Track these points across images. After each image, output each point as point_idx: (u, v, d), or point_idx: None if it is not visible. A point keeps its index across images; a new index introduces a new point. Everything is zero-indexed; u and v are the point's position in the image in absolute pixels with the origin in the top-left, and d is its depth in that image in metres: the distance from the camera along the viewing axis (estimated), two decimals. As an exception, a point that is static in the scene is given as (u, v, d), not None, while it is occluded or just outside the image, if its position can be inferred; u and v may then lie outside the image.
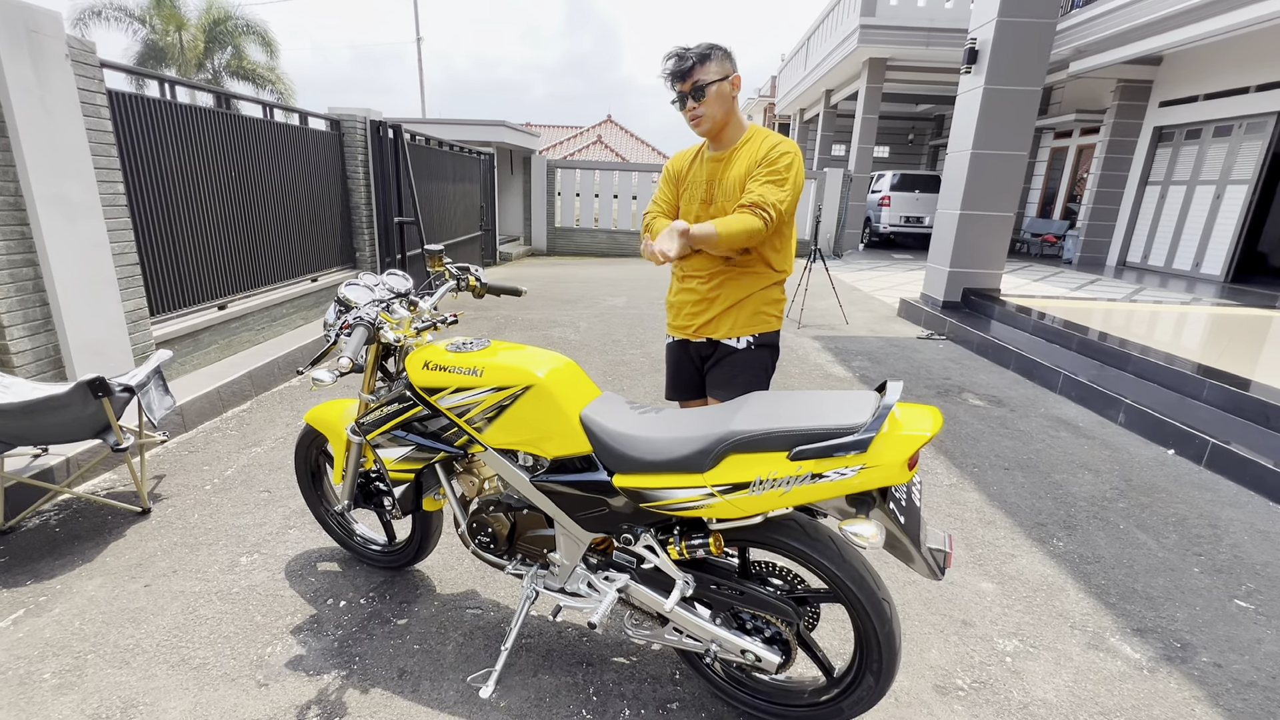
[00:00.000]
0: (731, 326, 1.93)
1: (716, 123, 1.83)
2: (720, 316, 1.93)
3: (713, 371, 2.01)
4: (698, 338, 2.00)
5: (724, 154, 1.88)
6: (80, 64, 3.14)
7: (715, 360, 1.99)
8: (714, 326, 1.95)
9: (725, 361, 1.97)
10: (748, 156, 1.83)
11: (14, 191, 2.86)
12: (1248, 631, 2.05)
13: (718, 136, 1.88)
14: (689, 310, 1.99)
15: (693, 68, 1.76)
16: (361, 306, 1.66)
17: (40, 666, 1.74)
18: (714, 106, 1.80)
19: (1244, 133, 8.84)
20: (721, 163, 1.88)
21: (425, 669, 1.78)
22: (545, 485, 1.55)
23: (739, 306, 1.92)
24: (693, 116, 1.83)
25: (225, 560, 2.25)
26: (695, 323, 1.98)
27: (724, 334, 1.95)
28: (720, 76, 1.78)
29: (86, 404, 2.22)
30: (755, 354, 1.96)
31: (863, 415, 1.24)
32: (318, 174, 5.56)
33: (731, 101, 1.83)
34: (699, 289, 1.95)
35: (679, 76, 1.78)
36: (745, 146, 1.86)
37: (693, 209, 1.94)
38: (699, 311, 1.96)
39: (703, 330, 1.97)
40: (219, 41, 17.75)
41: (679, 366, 2.12)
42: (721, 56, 1.78)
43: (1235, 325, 5.85)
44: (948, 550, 1.34)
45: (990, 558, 2.43)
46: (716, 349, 1.98)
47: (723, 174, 1.87)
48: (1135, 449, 3.54)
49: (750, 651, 1.48)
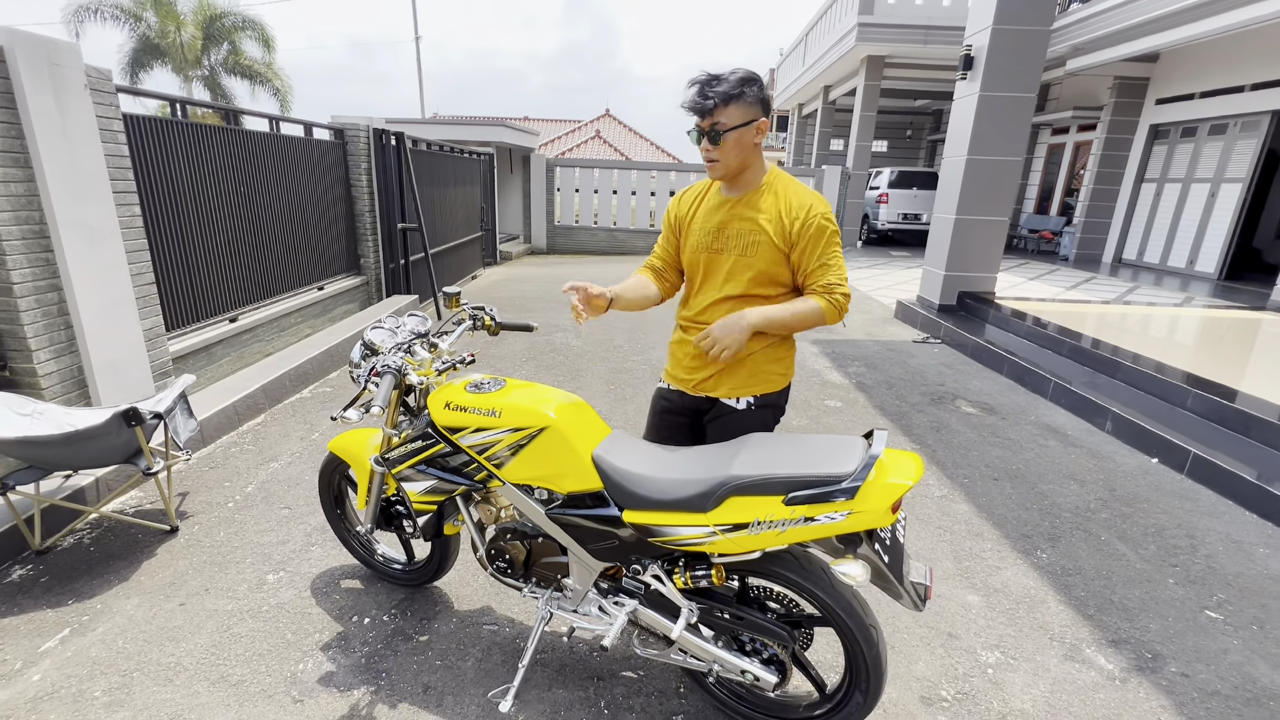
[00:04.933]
0: (731, 386, 1.80)
1: (731, 169, 1.68)
2: (720, 375, 1.80)
3: (712, 427, 1.89)
4: (697, 393, 1.87)
5: (738, 198, 1.73)
6: (98, 92, 3.23)
7: (714, 417, 1.87)
8: (714, 384, 1.82)
9: (723, 421, 1.84)
10: (771, 209, 1.68)
11: (39, 220, 2.96)
12: (1215, 642, 2.19)
13: (733, 181, 1.73)
14: (688, 364, 1.86)
15: (713, 108, 1.58)
16: (387, 352, 1.78)
17: (91, 685, 1.87)
18: (730, 154, 1.63)
19: (1239, 131, 8.92)
20: (735, 208, 1.73)
21: (448, 684, 1.92)
22: (559, 518, 1.68)
23: (739, 365, 1.77)
24: (708, 159, 1.67)
25: (253, 578, 2.38)
26: (695, 378, 1.85)
27: (724, 393, 1.81)
28: (744, 121, 1.59)
29: (120, 433, 2.34)
30: (755, 414, 1.82)
31: (851, 464, 1.36)
32: (322, 184, 5.65)
33: (752, 149, 1.66)
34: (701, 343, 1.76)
35: (699, 113, 1.61)
36: (766, 195, 1.70)
37: (700, 257, 1.78)
38: (697, 367, 1.83)
39: (702, 387, 1.84)
40: (215, 38, 17.72)
41: (667, 415, 1.96)
42: (751, 99, 1.59)
43: (1224, 330, 5.97)
44: (928, 583, 1.47)
45: (977, 570, 2.57)
46: (716, 405, 1.86)
47: (737, 222, 1.72)
48: (1121, 458, 3.67)
49: (749, 672, 1.61)
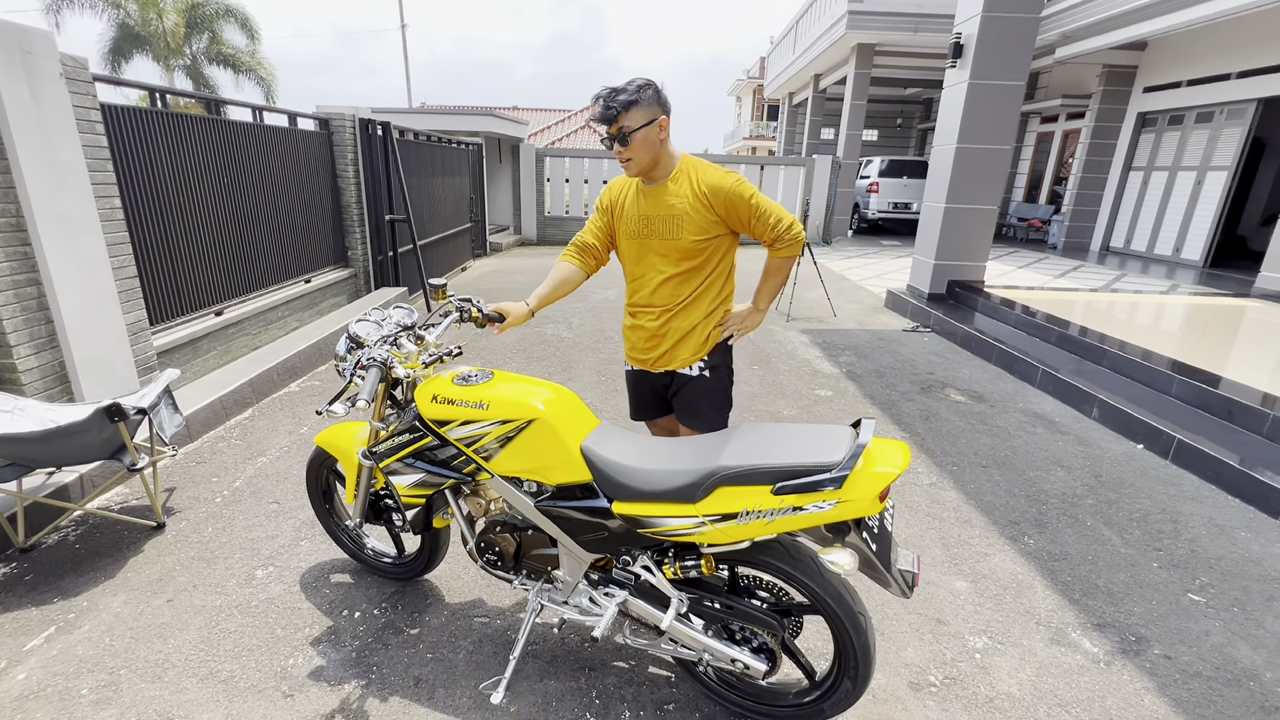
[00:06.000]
0: (684, 358, 2.04)
1: (644, 165, 1.89)
2: (673, 350, 2.04)
3: (676, 401, 2.15)
4: (656, 369, 2.11)
5: (657, 187, 1.95)
6: (74, 80, 3.16)
7: (675, 390, 2.12)
8: (669, 359, 2.06)
9: (684, 392, 2.10)
10: (685, 190, 1.90)
11: (15, 212, 2.90)
12: (1197, 624, 2.23)
13: (648, 175, 1.95)
14: (643, 345, 2.09)
15: (617, 115, 1.80)
16: (372, 345, 1.76)
17: (77, 683, 1.86)
18: (640, 151, 1.85)
19: (1225, 119, 8.98)
20: (656, 196, 1.95)
21: (439, 677, 1.92)
22: (549, 510, 1.68)
23: (688, 337, 2.02)
24: (622, 160, 1.89)
25: (242, 574, 2.37)
26: (650, 356, 2.08)
27: (679, 364, 2.06)
28: (646, 121, 1.81)
29: (103, 428, 2.31)
30: (711, 379, 2.08)
31: (839, 453, 1.36)
32: (308, 174, 5.58)
33: (659, 145, 1.87)
34: (649, 325, 2.04)
35: (605, 121, 1.82)
36: (680, 180, 1.92)
37: (633, 244, 2.02)
38: (651, 346, 2.07)
39: (659, 364, 2.09)
40: (197, 26, 17.39)
41: (639, 392, 2.24)
42: (649, 100, 1.81)
43: (1209, 317, 6.04)
44: (915, 571, 1.47)
45: (965, 556, 2.59)
46: (674, 378, 2.10)
47: (657, 209, 1.94)
48: (1107, 444, 3.71)
49: (739, 660, 1.62)
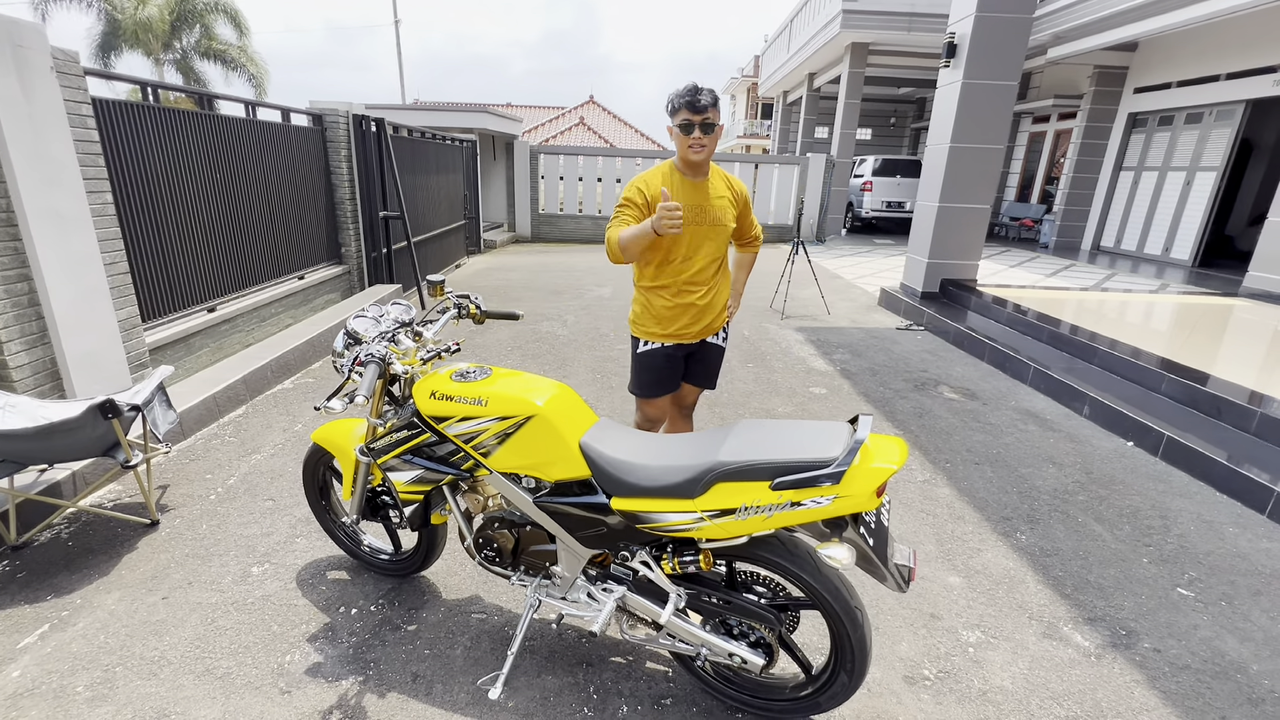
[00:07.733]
0: (717, 326, 2.42)
1: (709, 155, 2.18)
2: (714, 320, 2.38)
3: (699, 367, 2.47)
4: (694, 340, 2.37)
5: (703, 182, 2.25)
6: (65, 74, 3.13)
7: (700, 357, 2.45)
8: (710, 328, 2.39)
9: (709, 356, 2.47)
10: (723, 188, 2.30)
11: (6, 208, 2.87)
12: (1186, 618, 2.26)
13: (699, 168, 2.23)
14: (688, 319, 2.32)
15: (708, 107, 2.06)
16: (370, 342, 1.76)
17: (72, 680, 1.85)
18: (713, 143, 2.15)
19: (1214, 120, 9.07)
20: (705, 190, 2.25)
21: (437, 673, 1.92)
22: (547, 506, 1.68)
23: (722, 310, 2.41)
24: (698, 146, 2.11)
25: (237, 571, 2.36)
26: (695, 328, 2.34)
27: (712, 333, 2.43)
28: (721, 121, 2.13)
29: (97, 425, 2.30)
30: (724, 346, 2.51)
31: (837, 449, 1.38)
32: (301, 171, 5.54)
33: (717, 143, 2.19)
34: (699, 301, 2.31)
35: (699, 109, 2.05)
36: (715, 178, 2.29)
37: (686, 229, 2.19)
38: (697, 318, 2.32)
39: (702, 334, 2.38)
40: (187, 20, 17.23)
41: (669, 367, 2.41)
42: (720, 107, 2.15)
43: (1198, 315, 6.11)
44: (911, 565, 1.49)
45: (959, 552, 2.62)
46: (703, 346, 2.43)
47: (707, 199, 2.25)
48: (1097, 441, 3.75)
49: (737, 655, 1.63)
